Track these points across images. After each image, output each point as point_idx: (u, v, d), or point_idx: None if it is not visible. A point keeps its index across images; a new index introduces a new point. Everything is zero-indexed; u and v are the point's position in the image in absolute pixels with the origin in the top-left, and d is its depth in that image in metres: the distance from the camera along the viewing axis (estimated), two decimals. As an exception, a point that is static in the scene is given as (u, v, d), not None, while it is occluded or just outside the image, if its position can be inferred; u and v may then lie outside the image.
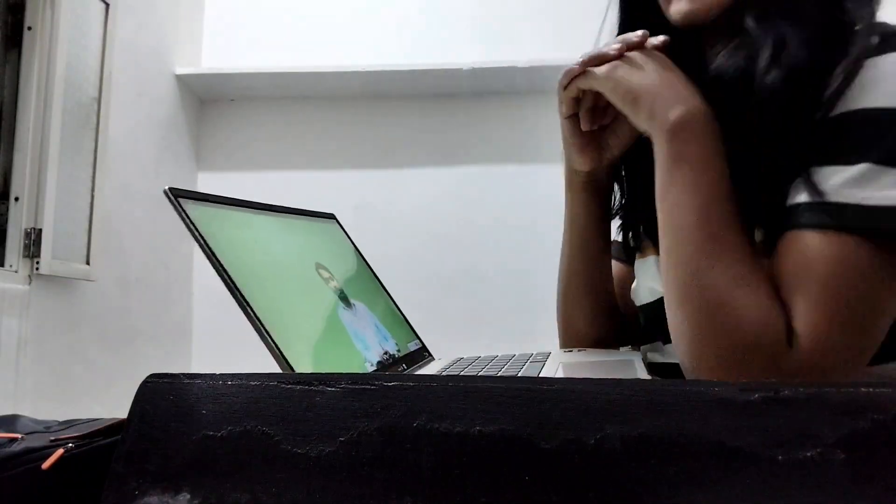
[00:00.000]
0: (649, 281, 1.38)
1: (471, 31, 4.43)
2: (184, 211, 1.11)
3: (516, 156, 4.34)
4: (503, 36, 4.39)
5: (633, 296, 1.49)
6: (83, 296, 3.39)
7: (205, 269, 4.56)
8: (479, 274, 4.15)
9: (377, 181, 4.42)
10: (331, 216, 1.65)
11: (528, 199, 4.16)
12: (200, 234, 1.09)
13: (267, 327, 1.06)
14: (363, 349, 1.31)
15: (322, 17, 4.54)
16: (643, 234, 1.42)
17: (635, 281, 1.48)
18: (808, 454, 0.64)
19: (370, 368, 1.28)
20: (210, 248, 1.08)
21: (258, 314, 1.07)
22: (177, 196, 1.12)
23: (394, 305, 1.65)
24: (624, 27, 1.47)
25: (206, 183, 4.49)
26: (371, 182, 4.41)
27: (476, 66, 4.13)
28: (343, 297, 1.40)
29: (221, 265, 1.07)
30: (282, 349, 1.06)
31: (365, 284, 1.58)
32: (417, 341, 1.63)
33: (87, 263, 3.31)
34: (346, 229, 1.68)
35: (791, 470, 0.64)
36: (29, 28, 3.12)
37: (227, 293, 1.04)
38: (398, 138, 4.46)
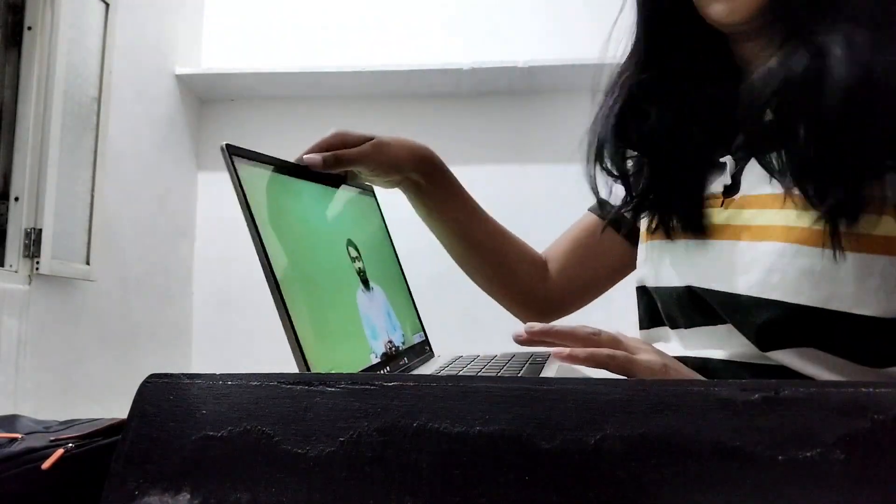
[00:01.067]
0: (676, 264, 1.37)
1: (470, 30, 4.42)
2: (236, 172, 1.11)
3: (515, 155, 4.34)
4: (503, 36, 4.38)
5: (645, 276, 1.48)
6: (83, 296, 3.39)
7: (205, 268, 4.59)
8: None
9: (378, 180, 4.40)
10: (370, 190, 1.66)
11: (528, 198, 4.15)
12: (246, 201, 1.09)
13: (287, 304, 1.06)
14: (371, 337, 1.32)
15: (322, 17, 4.53)
16: (674, 220, 1.41)
17: (648, 261, 1.46)
18: (808, 454, 0.64)
19: (374, 359, 1.28)
20: (253, 217, 1.09)
21: (282, 290, 1.07)
22: (232, 154, 1.13)
23: (408, 292, 1.66)
24: (648, 29, 1.45)
25: (207, 183, 4.49)
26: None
27: (476, 66, 4.12)
28: (364, 279, 1.40)
29: (260, 237, 1.08)
30: (296, 328, 1.06)
31: (386, 268, 1.59)
32: (422, 333, 1.63)
33: (87, 263, 3.31)
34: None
35: (791, 470, 0.64)
36: (29, 28, 3.12)
37: (228, 293, 1.05)
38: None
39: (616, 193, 1.59)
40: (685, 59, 1.41)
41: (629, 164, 1.48)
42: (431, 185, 1.64)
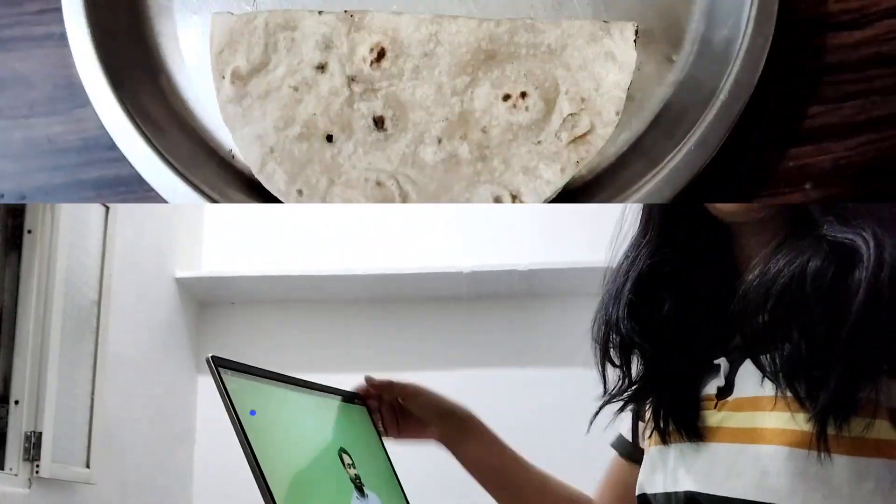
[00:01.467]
0: (672, 469, 1.35)
1: (470, 234, 4.44)
2: (223, 384, 1.12)
3: (516, 359, 4.32)
4: (502, 239, 4.39)
5: (642, 483, 1.46)
6: (83, 499, 3.34)
7: (205, 472, 4.52)
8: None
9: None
10: (361, 398, 1.67)
11: (529, 403, 4.10)
12: (236, 414, 1.10)
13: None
14: (368, 547, 1.31)
15: (322, 220, 4.54)
16: (670, 424, 1.39)
17: (645, 468, 1.45)
18: None
19: (371, 569, 1.28)
20: (243, 429, 1.09)
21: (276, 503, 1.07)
22: (218, 366, 1.13)
23: (404, 498, 1.65)
24: (658, 229, 1.45)
25: (207, 387, 4.44)
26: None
27: (476, 270, 4.15)
28: (359, 487, 1.40)
29: (251, 449, 1.08)
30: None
31: (381, 474, 1.59)
32: (419, 539, 1.62)
33: (87, 466, 3.28)
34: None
35: None
36: (29, 231, 3.12)
37: (228, 497, 1.04)
38: (400, 342, 4.41)
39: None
40: (688, 250, 1.42)
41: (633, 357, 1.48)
42: (463, 441, 1.72)
